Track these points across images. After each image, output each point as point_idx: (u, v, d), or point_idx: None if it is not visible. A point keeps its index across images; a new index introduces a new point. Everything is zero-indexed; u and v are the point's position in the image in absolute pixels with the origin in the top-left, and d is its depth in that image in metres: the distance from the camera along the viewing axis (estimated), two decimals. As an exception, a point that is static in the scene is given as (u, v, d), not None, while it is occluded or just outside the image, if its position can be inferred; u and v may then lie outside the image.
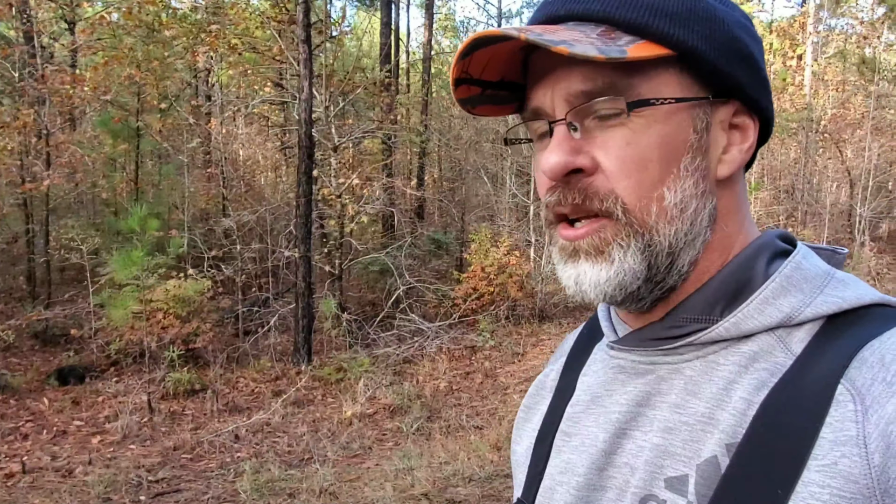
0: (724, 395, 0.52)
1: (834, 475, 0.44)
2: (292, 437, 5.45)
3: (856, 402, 0.46)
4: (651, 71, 0.53)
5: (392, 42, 13.06)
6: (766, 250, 0.57)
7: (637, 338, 0.59)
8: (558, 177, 0.54)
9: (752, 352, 0.53)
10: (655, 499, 0.53)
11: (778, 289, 0.53)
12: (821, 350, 0.50)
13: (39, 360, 7.32)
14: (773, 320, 0.53)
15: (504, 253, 8.87)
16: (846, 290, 0.53)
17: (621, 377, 0.60)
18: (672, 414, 0.54)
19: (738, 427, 0.50)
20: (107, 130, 9.70)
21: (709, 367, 0.54)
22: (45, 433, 5.50)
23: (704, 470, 0.50)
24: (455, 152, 13.79)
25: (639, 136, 0.53)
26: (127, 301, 6.93)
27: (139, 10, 8.83)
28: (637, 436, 0.56)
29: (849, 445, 0.44)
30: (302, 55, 7.39)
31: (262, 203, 10.18)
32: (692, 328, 0.55)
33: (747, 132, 0.57)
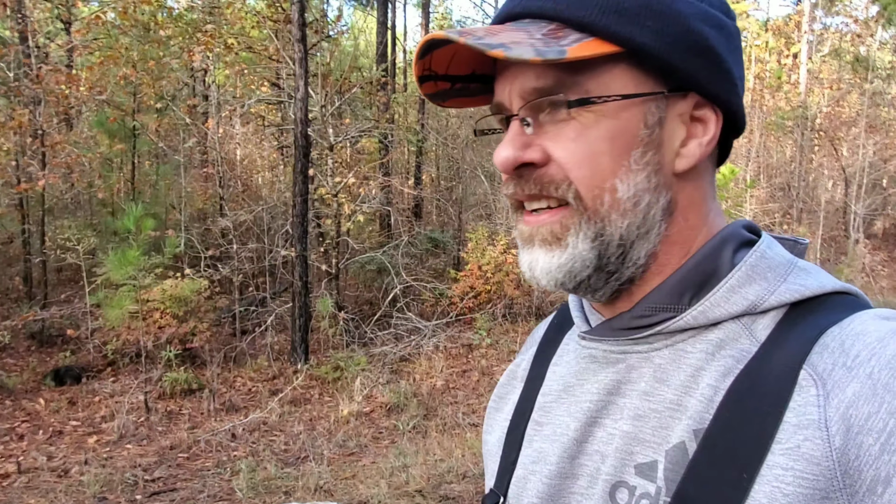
0: (691, 381, 0.53)
1: (797, 458, 0.45)
2: (289, 435, 5.46)
3: (818, 387, 0.47)
4: (600, 68, 0.54)
5: (388, 41, 13.06)
6: (732, 240, 0.58)
7: (607, 327, 0.60)
8: (509, 170, 0.56)
9: (719, 339, 0.54)
10: (626, 485, 0.54)
11: (743, 277, 0.54)
12: (784, 336, 0.51)
13: (36, 360, 7.32)
14: (739, 308, 0.54)
15: (501, 251, 8.88)
16: (808, 278, 0.55)
17: (592, 367, 0.61)
18: (642, 401, 0.55)
19: (706, 413, 0.51)
20: (103, 130, 9.70)
21: (677, 354, 0.55)
22: (41, 433, 5.50)
23: (673, 455, 0.51)
24: (452, 151, 13.79)
25: (588, 130, 0.54)
26: (123, 301, 6.93)
27: (134, 9, 8.82)
28: (608, 424, 0.57)
29: (811, 429, 0.45)
30: (297, 54, 7.39)
31: (259, 202, 10.18)
32: (661, 317, 0.56)
33: (708, 125, 0.57)
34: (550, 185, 0.55)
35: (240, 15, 9.88)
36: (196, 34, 9.30)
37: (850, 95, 12.24)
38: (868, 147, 10.71)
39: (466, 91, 0.61)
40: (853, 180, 10.76)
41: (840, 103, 12.28)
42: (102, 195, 10.02)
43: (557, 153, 0.55)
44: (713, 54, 0.56)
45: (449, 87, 0.60)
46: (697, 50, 0.55)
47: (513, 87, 0.56)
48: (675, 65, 0.54)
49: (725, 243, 0.58)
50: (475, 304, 8.74)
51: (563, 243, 0.56)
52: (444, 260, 11.16)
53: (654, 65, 0.54)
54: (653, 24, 0.53)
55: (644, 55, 0.54)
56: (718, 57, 0.56)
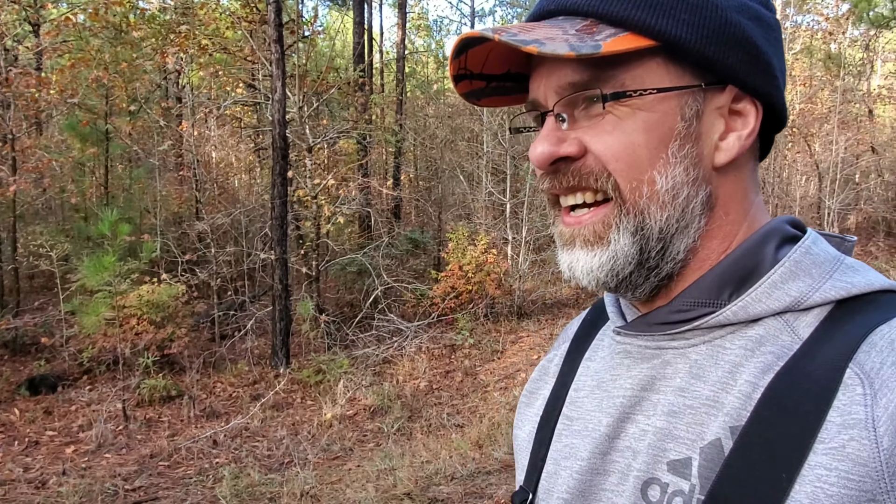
0: (729, 378, 0.52)
1: (842, 458, 0.44)
2: (272, 440, 5.40)
3: (864, 386, 0.45)
4: (635, 62, 0.54)
5: (365, 42, 13.00)
6: (775, 236, 0.57)
7: (643, 322, 0.59)
8: (544, 165, 0.56)
9: (759, 336, 0.53)
10: (658, 482, 0.53)
11: (787, 273, 0.53)
12: (829, 334, 0.50)
13: (9, 369, 7.14)
14: (781, 304, 0.53)
15: (481, 251, 8.88)
16: (855, 275, 0.53)
17: (627, 362, 0.60)
18: (677, 398, 0.54)
19: (743, 410, 0.49)
20: (74, 134, 9.50)
21: (715, 351, 0.54)
22: (17, 444, 5.37)
23: (708, 453, 0.50)
24: (431, 152, 13.79)
25: (624, 123, 0.54)
26: (99, 307, 6.79)
27: (106, 10, 8.66)
28: (640, 420, 0.56)
29: (857, 428, 0.44)
30: (274, 55, 7.32)
31: (237, 205, 10.06)
32: (699, 312, 0.55)
33: (748, 118, 0.57)
34: (589, 177, 0.55)
35: (214, 16, 9.75)
36: (169, 35, 9.17)
37: (822, 92, 12.47)
38: (840, 143, 10.91)
39: (502, 90, 0.62)
40: (826, 175, 10.96)
41: (812, 100, 12.51)
42: (75, 200, 9.82)
43: (595, 145, 0.55)
44: (751, 46, 0.55)
45: (484, 85, 0.61)
46: (734, 42, 0.54)
47: (547, 83, 0.56)
48: (711, 58, 0.54)
49: (768, 238, 0.56)
50: (457, 304, 8.73)
51: (605, 241, 0.55)
52: (424, 260, 11.14)
53: (691, 58, 0.54)
54: (688, 16, 0.53)
55: (680, 48, 0.53)
56: (757, 49, 0.55)
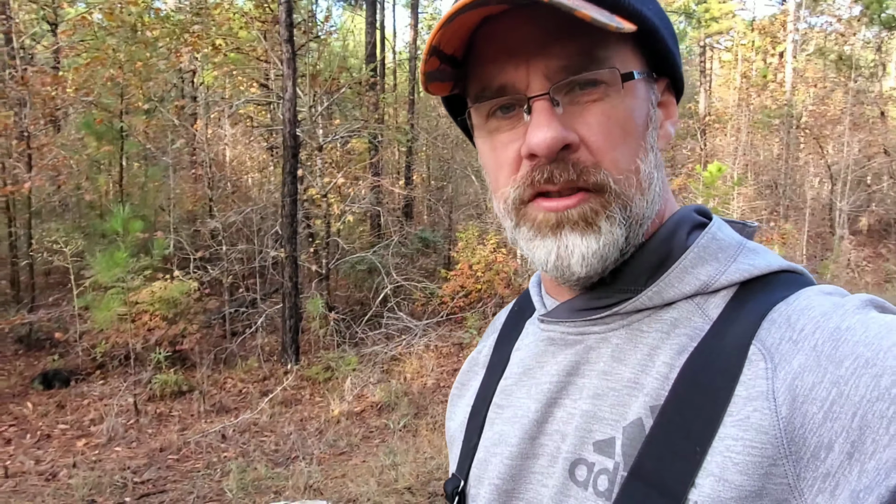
0: (647, 360, 0.54)
1: (747, 428, 0.47)
2: (279, 436, 5.45)
3: (766, 360, 0.48)
4: (619, 46, 0.54)
5: (377, 41, 13.06)
6: (686, 223, 0.60)
7: (566, 309, 0.62)
8: (553, 153, 0.52)
9: (674, 318, 0.55)
10: (585, 462, 0.55)
11: (696, 258, 0.56)
12: (735, 314, 0.53)
13: (23, 364, 7.27)
14: (692, 288, 0.55)
15: (491, 250, 8.90)
16: (756, 258, 0.56)
17: (552, 349, 0.62)
18: (600, 381, 0.56)
19: (661, 390, 0.52)
20: (90, 132, 9.63)
21: (634, 334, 0.57)
22: (29, 437, 5.46)
23: (630, 431, 0.52)
24: (442, 151, 13.81)
25: (617, 111, 0.53)
26: (112, 303, 6.89)
27: (121, 10, 8.77)
28: (567, 403, 0.59)
29: (760, 400, 0.47)
30: (285, 55, 7.38)
31: (249, 203, 10.15)
32: (618, 298, 0.58)
33: (671, 108, 0.60)
34: (588, 172, 0.53)
35: (227, 16, 9.84)
36: (183, 35, 9.26)
37: (835, 94, 12.35)
38: (853, 144, 10.82)
39: (443, 74, 0.57)
40: (838, 177, 10.86)
41: (825, 101, 12.40)
42: (90, 197, 9.96)
43: (591, 136, 0.53)
44: (677, 43, 0.59)
45: (437, 65, 0.55)
46: (674, 35, 0.58)
47: (531, 66, 0.53)
48: (669, 48, 0.56)
49: (679, 226, 0.59)
50: (465, 303, 8.75)
51: (596, 227, 0.54)
52: (434, 259, 11.17)
53: (653, 47, 0.56)
54: (653, 7, 0.55)
55: (651, 37, 0.55)
56: (678, 46, 0.59)
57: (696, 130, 13.69)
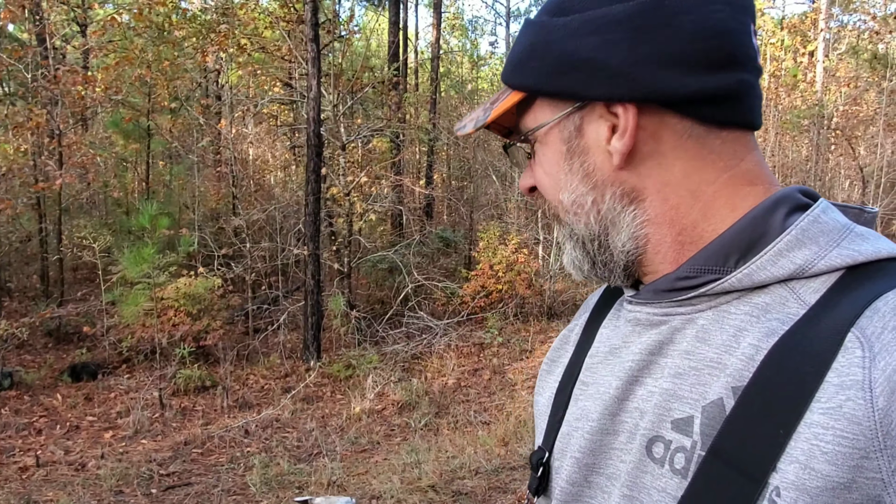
0: (733, 341, 0.53)
1: (838, 417, 0.45)
2: (301, 432, 5.49)
3: (864, 349, 0.46)
4: (529, 109, 0.64)
5: (400, 41, 13.09)
6: (786, 204, 0.57)
7: (651, 290, 0.61)
8: (525, 194, 0.69)
9: (765, 303, 0.54)
10: (662, 439, 0.55)
11: (793, 241, 0.54)
12: (835, 301, 0.51)
13: (53, 357, 7.41)
14: (786, 272, 0.53)
15: (512, 251, 8.87)
16: (864, 243, 0.53)
17: (638, 329, 0.63)
18: (682, 360, 0.56)
19: (745, 371, 0.51)
20: (118, 130, 9.81)
21: (720, 316, 0.56)
22: (59, 428, 5.57)
23: (710, 411, 0.52)
24: (464, 151, 13.80)
25: (541, 160, 0.65)
26: (138, 298, 7.00)
27: (149, 11, 8.91)
28: (648, 382, 0.59)
29: (854, 389, 0.45)
30: (310, 54, 7.43)
31: (272, 202, 10.24)
32: (705, 279, 0.57)
33: (620, 119, 0.58)
34: (548, 205, 0.67)
35: (253, 16, 9.94)
36: (210, 35, 9.38)
37: (868, 93, 12.10)
38: (886, 146, 10.58)
39: None
40: (871, 180, 10.62)
41: (857, 101, 12.15)
42: (117, 194, 10.14)
43: (538, 180, 0.67)
44: (592, 63, 0.57)
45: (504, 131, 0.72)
46: (572, 66, 0.58)
47: None
48: (553, 91, 0.60)
49: (777, 207, 0.56)
50: (486, 303, 8.74)
51: (564, 246, 0.68)
52: (455, 259, 11.17)
53: (548, 95, 0.62)
54: (534, 64, 0.60)
55: (536, 92, 0.62)
56: (594, 62, 0.56)
57: (721, 131, 13.42)
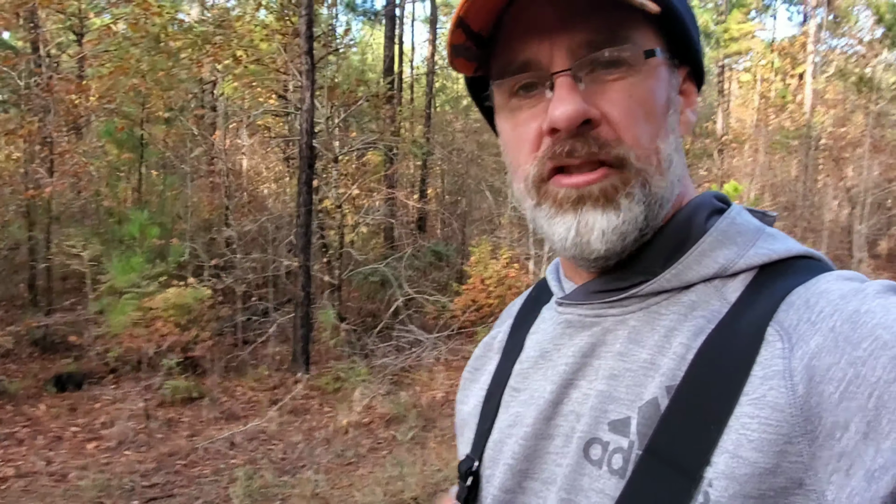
0: (664, 341, 0.54)
1: (763, 406, 0.47)
2: (287, 444, 5.45)
3: (783, 341, 0.49)
4: (642, 26, 0.55)
5: (396, 56, 13.19)
6: (705, 207, 0.60)
7: (583, 292, 0.62)
8: (574, 126, 0.53)
9: (692, 301, 0.55)
10: (599, 441, 0.55)
11: (714, 242, 0.56)
12: (753, 297, 0.53)
13: (38, 366, 7.34)
14: (710, 271, 0.56)
15: (503, 265, 8.89)
16: (776, 243, 0.57)
17: (569, 331, 0.62)
18: (617, 362, 0.57)
19: (678, 370, 0.52)
20: (111, 140, 9.79)
21: (651, 316, 0.57)
22: (41, 438, 5.50)
23: (645, 411, 0.53)
24: (457, 165, 13.86)
25: (639, 89, 0.54)
26: (126, 308, 6.96)
27: (146, 21, 8.95)
28: (583, 384, 0.59)
29: (776, 379, 0.47)
30: (304, 66, 7.47)
31: (264, 213, 10.24)
32: (636, 280, 0.58)
33: (691, 97, 0.61)
34: (610, 146, 0.54)
35: (249, 28, 10.00)
36: (205, 46, 9.42)
37: (855, 116, 12.27)
38: (873, 167, 10.71)
39: (469, 52, 0.58)
40: (857, 200, 10.75)
41: (845, 123, 12.31)
42: (109, 204, 10.09)
43: (613, 112, 0.54)
44: (699, 33, 0.59)
45: (463, 40, 0.56)
46: (696, 26, 0.59)
47: (555, 42, 0.54)
48: (690, 35, 0.57)
49: (699, 210, 0.59)
50: (477, 317, 8.73)
51: (617, 204, 0.54)
52: (447, 273, 11.17)
53: (675, 31, 0.56)
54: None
55: (673, 21, 0.55)
56: (699, 36, 0.59)
57: (712, 150, 13.63)
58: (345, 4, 15.00)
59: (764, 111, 12.49)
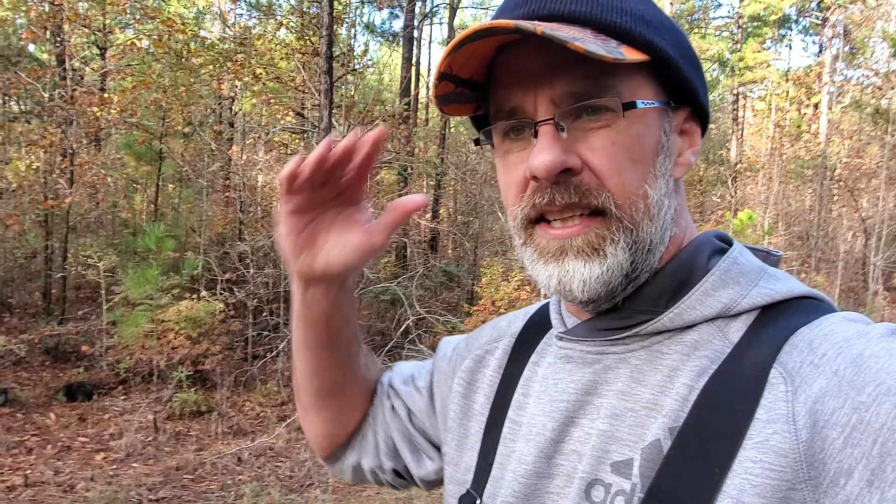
0: (667, 381, 0.54)
1: (766, 450, 0.47)
2: (295, 462, 5.42)
3: (787, 383, 0.48)
4: (629, 75, 0.55)
5: (412, 77, 13.32)
6: (707, 247, 0.60)
7: (585, 328, 0.62)
8: (552, 175, 0.54)
9: (694, 341, 0.55)
10: (602, 482, 0.55)
11: (717, 282, 0.57)
12: (756, 338, 0.53)
13: (49, 375, 7.37)
14: (713, 311, 0.56)
15: (514, 287, 8.87)
16: (778, 283, 0.57)
17: (569, 367, 0.62)
18: (618, 401, 0.56)
19: (681, 412, 0.52)
20: (130, 152, 9.92)
21: (653, 355, 0.57)
22: (50, 448, 5.51)
23: (648, 453, 0.52)
24: (470, 186, 13.92)
25: (623, 137, 0.55)
26: (139, 319, 6.99)
27: (169, 37, 9.11)
28: (584, 423, 0.58)
29: (780, 423, 0.47)
30: (323, 85, 7.57)
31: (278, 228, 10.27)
32: (638, 319, 0.58)
33: (694, 137, 0.61)
34: (590, 195, 0.55)
35: (270, 46, 10.16)
36: (226, 63, 9.57)
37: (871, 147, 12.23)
38: (888, 199, 10.65)
39: (462, 97, 0.60)
40: (873, 232, 10.67)
41: (860, 154, 12.27)
42: (126, 215, 10.21)
43: (595, 160, 0.55)
44: (701, 71, 0.60)
45: (453, 89, 0.58)
46: (694, 65, 0.59)
47: (539, 91, 0.55)
48: (686, 78, 0.57)
49: (701, 249, 0.60)
50: (487, 339, 8.69)
51: (602, 253, 0.55)
52: (458, 294, 11.16)
53: (669, 76, 0.57)
54: (669, 37, 0.57)
55: (666, 66, 0.56)
56: (702, 75, 0.60)
57: (726, 177, 13.62)
58: (364, 25, 15.21)
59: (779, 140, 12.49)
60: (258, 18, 11.24)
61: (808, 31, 21.34)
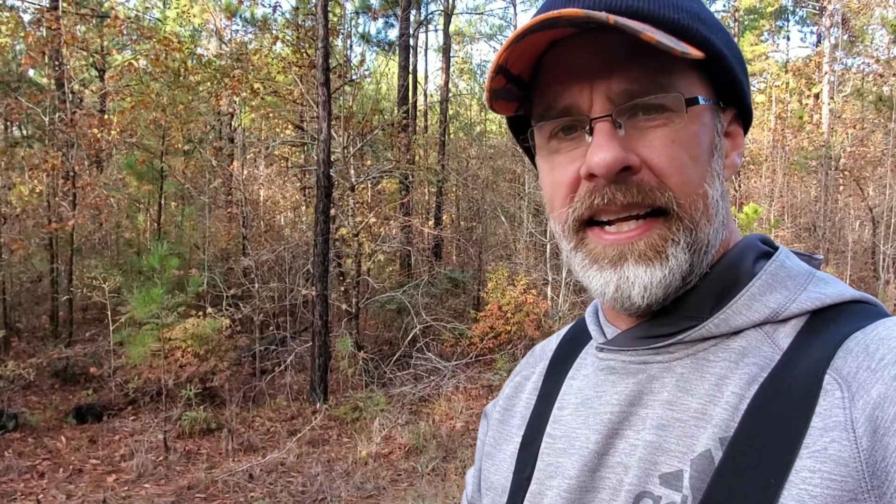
0: (715, 390, 0.52)
1: (825, 460, 0.44)
2: (307, 476, 5.38)
3: (843, 390, 0.46)
4: (683, 73, 0.54)
5: (410, 85, 13.34)
6: (752, 251, 0.58)
7: (627, 338, 0.60)
8: (612, 173, 0.52)
9: (742, 347, 0.53)
10: (650, 495, 0.52)
11: (764, 286, 0.55)
12: (806, 343, 0.51)
13: (59, 398, 7.37)
14: (761, 316, 0.54)
15: (521, 291, 8.83)
16: (828, 287, 0.55)
17: (611, 378, 0.60)
18: (665, 411, 0.54)
19: (731, 421, 0.50)
20: (132, 172, 9.96)
21: (700, 364, 0.55)
22: (62, 471, 5.50)
23: (698, 464, 0.50)
24: (472, 192, 13.91)
25: (681, 135, 0.53)
26: (146, 339, 6.99)
27: (166, 56, 9.15)
28: (630, 435, 0.56)
29: (838, 430, 0.45)
30: (321, 97, 7.57)
31: (281, 242, 10.30)
32: (682, 326, 0.56)
33: (737, 139, 0.60)
34: (652, 194, 0.53)
35: (266, 61, 10.20)
36: (224, 79, 9.61)
37: (875, 135, 12.16)
38: (895, 187, 10.57)
39: (510, 94, 0.58)
40: (881, 220, 10.58)
41: (864, 143, 12.20)
42: (129, 235, 10.23)
43: (655, 159, 0.53)
44: (748, 73, 0.59)
45: (503, 84, 0.56)
46: (743, 66, 0.58)
47: (595, 88, 0.53)
48: (738, 77, 0.56)
49: (745, 253, 0.58)
50: (495, 344, 8.65)
51: (664, 256, 0.53)
52: (463, 300, 11.12)
53: (721, 76, 0.56)
54: (722, 36, 0.55)
55: (719, 65, 0.54)
56: (748, 76, 0.59)
57: (729, 172, 13.50)
58: (360, 36, 15.26)
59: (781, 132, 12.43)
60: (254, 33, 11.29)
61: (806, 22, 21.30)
